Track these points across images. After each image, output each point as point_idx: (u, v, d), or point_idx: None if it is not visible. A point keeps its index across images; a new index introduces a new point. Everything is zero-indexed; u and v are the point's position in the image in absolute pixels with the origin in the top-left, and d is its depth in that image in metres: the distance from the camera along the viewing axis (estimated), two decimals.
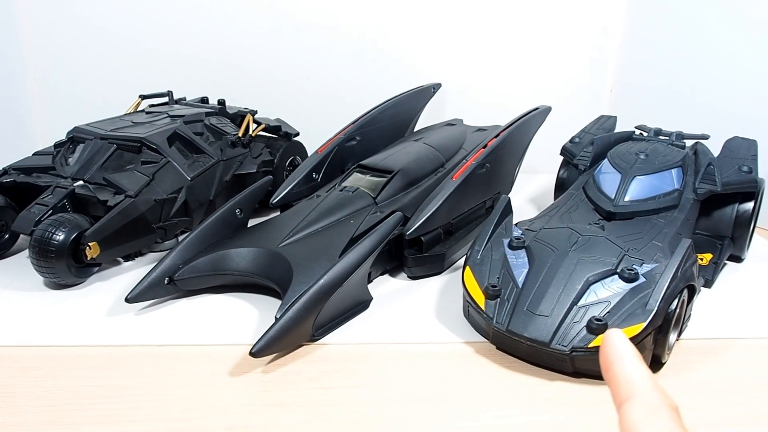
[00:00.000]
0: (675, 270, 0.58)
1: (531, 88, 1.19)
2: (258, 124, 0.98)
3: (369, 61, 1.17)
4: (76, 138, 0.82)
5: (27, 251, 0.72)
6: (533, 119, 0.92)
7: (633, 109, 1.10)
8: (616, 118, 0.98)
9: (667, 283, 0.56)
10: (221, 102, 1.00)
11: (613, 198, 0.73)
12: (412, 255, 0.75)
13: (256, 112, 0.99)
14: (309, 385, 0.56)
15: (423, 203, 0.77)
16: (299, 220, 0.74)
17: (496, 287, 0.61)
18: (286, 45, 1.15)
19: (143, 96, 1.00)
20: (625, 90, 1.18)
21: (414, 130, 1.08)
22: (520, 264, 0.63)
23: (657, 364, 0.58)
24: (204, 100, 1.03)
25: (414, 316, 0.68)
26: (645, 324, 0.54)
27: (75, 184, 0.76)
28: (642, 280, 0.59)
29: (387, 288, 0.74)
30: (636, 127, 0.89)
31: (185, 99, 1.03)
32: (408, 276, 0.76)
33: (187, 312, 0.68)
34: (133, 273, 0.76)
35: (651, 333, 0.55)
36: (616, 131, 0.93)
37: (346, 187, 0.80)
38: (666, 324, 0.56)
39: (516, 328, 0.58)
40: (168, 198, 0.79)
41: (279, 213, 0.83)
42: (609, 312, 0.57)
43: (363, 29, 1.15)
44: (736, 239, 0.78)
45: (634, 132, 0.89)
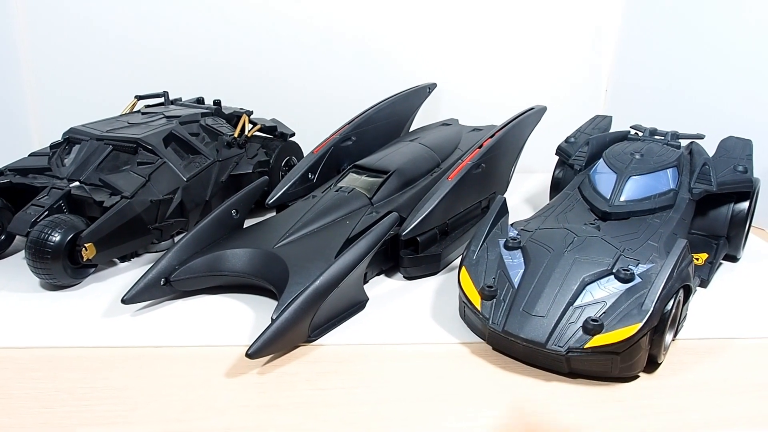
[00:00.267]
0: (671, 270, 0.58)
1: (526, 88, 1.19)
2: (254, 124, 0.98)
3: (364, 61, 1.16)
4: (71, 139, 0.82)
5: (23, 252, 0.72)
6: (528, 119, 0.92)
7: (628, 109, 1.10)
8: (611, 117, 0.98)
9: (663, 284, 0.56)
10: (217, 102, 0.99)
11: (609, 198, 0.73)
12: (407, 255, 0.75)
13: (251, 112, 0.99)
14: (305, 386, 0.56)
15: (419, 204, 0.77)
16: (295, 220, 0.74)
17: (492, 288, 0.61)
18: (282, 45, 1.15)
19: (139, 96, 1.00)
20: (621, 90, 1.18)
21: (409, 130, 1.08)
22: (516, 264, 0.63)
23: (653, 364, 0.58)
24: (200, 100, 1.03)
25: (410, 316, 0.68)
26: (641, 324, 0.54)
27: (71, 185, 0.76)
28: (638, 280, 0.59)
29: (383, 288, 0.74)
30: (631, 127, 0.89)
31: (181, 99, 1.03)
32: (404, 276, 0.76)
33: (184, 313, 0.68)
34: (130, 274, 0.76)
35: (647, 333, 0.55)
36: (611, 131, 0.93)
37: (341, 188, 0.80)
38: (662, 324, 0.56)
39: (512, 328, 0.58)
40: (164, 199, 0.79)
41: (275, 213, 0.83)
42: (605, 312, 0.57)
43: (358, 29, 1.15)
44: (731, 239, 0.79)
45: (629, 132, 0.89)
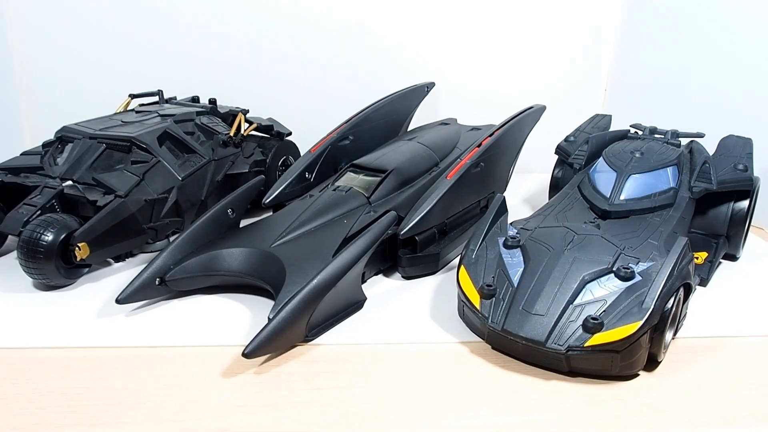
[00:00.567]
0: (671, 268, 0.57)
1: (525, 87, 1.19)
2: (250, 123, 0.97)
3: (362, 60, 1.16)
4: (64, 137, 0.81)
5: (15, 252, 0.71)
6: (528, 118, 0.92)
7: (628, 108, 1.10)
8: (611, 116, 0.98)
9: (664, 282, 0.56)
10: (212, 101, 0.99)
11: (609, 197, 0.73)
12: (406, 255, 0.74)
13: (247, 111, 0.98)
14: (303, 386, 0.55)
15: (417, 203, 0.76)
16: (292, 220, 0.74)
17: (491, 286, 0.60)
18: (278, 44, 1.14)
19: (133, 95, 0.99)
20: (620, 89, 1.18)
21: (408, 129, 1.08)
22: (515, 263, 0.63)
23: (653, 363, 0.58)
24: (195, 99, 1.02)
25: (408, 316, 0.67)
26: (641, 323, 0.54)
27: (64, 184, 0.75)
28: (638, 278, 0.59)
29: (381, 288, 0.73)
30: (631, 126, 0.89)
31: (176, 98, 1.02)
32: (402, 276, 0.76)
33: (179, 313, 0.67)
34: (124, 274, 0.75)
35: (647, 332, 0.55)
36: (610, 130, 0.93)
37: (339, 187, 0.80)
38: (662, 323, 0.56)
39: (511, 327, 0.57)
40: (159, 198, 0.78)
41: (272, 213, 0.82)
42: (605, 311, 0.56)
43: (356, 27, 1.15)
44: (731, 238, 0.78)
45: (629, 131, 0.89)
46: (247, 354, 0.56)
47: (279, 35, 1.14)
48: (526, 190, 1.09)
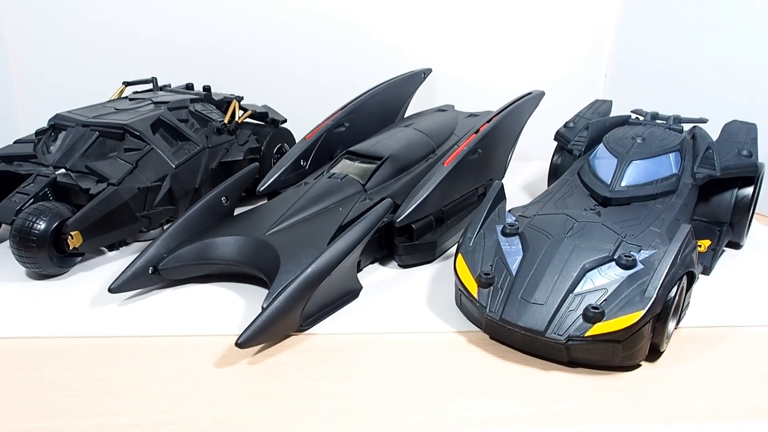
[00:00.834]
0: (674, 256, 0.56)
1: (524, 72, 1.17)
2: (244, 110, 0.97)
3: (358, 46, 1.15)
4: (57, 125, 0.80)
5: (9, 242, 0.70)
6: (526, 104, 0.91)
7: (629, 94, 1.09)
8: (611, 102, 0.96)
9: (666, 270, 0.55)
10: (207, 88, 0.98)
11: (610, 183, 0.71)
12: (402, 243, 0.73)
13: (242, 98, 0.97)
14: (297, 376, 0.55)
15: (413, 190, 0.75)
16: (286, 208, 0.73)
17: (489, 275, 0.59)
18: (273, 30, 1.13)
19: (127, 83, 0.98)
20: (621, 74, 1.16)
21: (404, 116, 1.06)
22: (513, 251, 0.62)
23: (655, 353, 0.57)
24: (189, 86, 1.01)
25: (405, 305, 0.66)
26: (643, 312, 0.53)
27: (57, 172, 0.74)
28: (640, 266, 0.58)
29: (377, 277, 0.72)
30: (632, 111, 0.88)
31: (170, 85, 1.01)
32: (398, 264, 0.75)
33: (172, 302, 0.66)
34: (118, 263, 0.74)
35: (649, 321, 0.54)
36: (611, 116, 0.91)
37: (334, 174, 0.79)
38: (665, 312, 0.55)
39: (510, 316, 0.56)
40: (152, 186, 0.77)
41: (266, 201, 0.81)
42: (606, 300, 0.55)
43: (352, 13, 1.13)
44: (734, 225, 0.77)
45: (630, 116, 0.87)
46: (240, 344, 0.55)
47: (274, 22, 1.13)
48: (525, 177, 1.08)
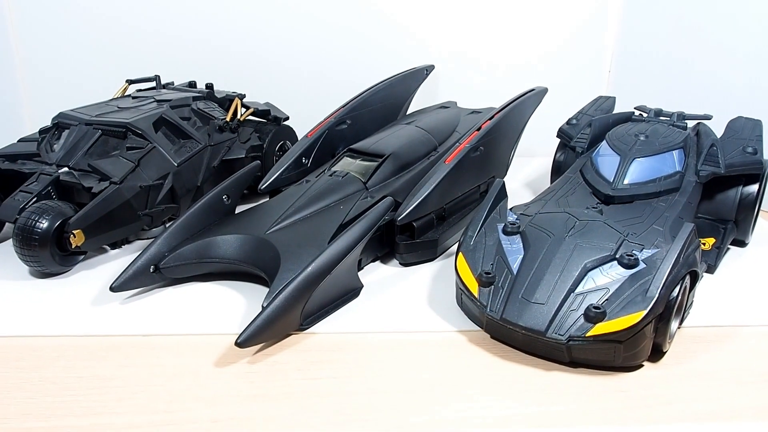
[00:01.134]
0: (677, 255, 0.55)
1: (528, 68, 1.16)
2: (246, 108, 0.96)
3: (360, 43, 1.14)
4: (61, 124, 0.80)
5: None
6: (529, 101, 0.90)
7: (633, 90, 1.08)
8: (614, 98, 0.95)
9: (669, 269, 0.54)
10: (209, 86, 0.98)
11: (612, 181, 0.71)
12: (403, 241, 0.73)
13: (244, 96, 0.97)
14: (297, 376, 0.54)
15: (415, 188, 0.75)
16: (287, 206, 0.73)
17: (489, 274, 0.59)
18: (275, 28, 1.12)
19: (130, 81, 0.98)
20: (625, 70, 1.15)
21: (407, 113, 1.06)
22: (514, 250, 0.61)
23: (658, 353, 0.56)
24: (192, 84, 1.01)
25: (405, 304, 0.66)
26: (645, 312, 0.52)
27: (60, 170, 0.74)
28: (642, 266, 0.57)
29: (378, 275, 0.72)
30: (635, 108, 0.87)
31: (173, 83, 1.01)
32: (400, 263, 0.74)
33: (173, 301, 0.66)
34: (120, 261, 0.74)
35: (651, 321, 0.53)
36: (614, 112, 0.91)
37: (335, 172, 0.78)
38: (667, 312, 0.54)
39: (510, 316, 0.56)
40: (154, 184, 0.77)
41: (268, 199, 0.81)
42: (608, 299, 0.55)
43: (354, 9, 1.12)
44: (739, 223, 0.76)
45: (633, 113, 0.87)
46: (240, 343, 0.55)
47: (276, 19, 1.12)
48: (527, 174, 1.07)
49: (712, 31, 0.98)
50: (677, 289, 0.55)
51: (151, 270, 0.66)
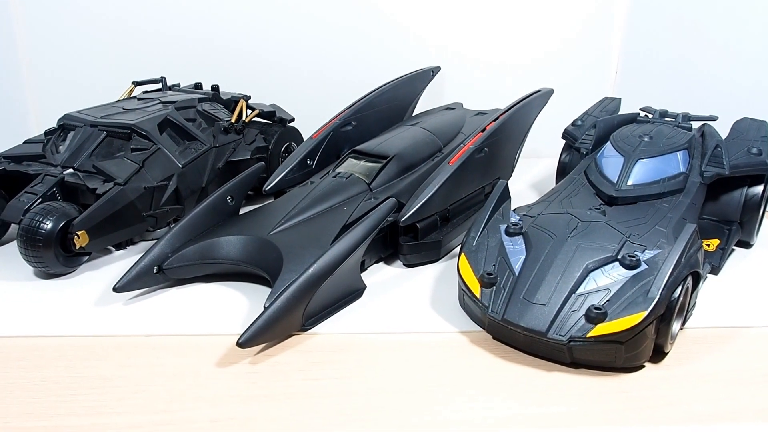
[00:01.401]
0: (678, 256, 0.55)
1: (535, 70, 1.16)
2: (252, 109, 0.96)
3: (366, 44, 1.14)
4: (66, 125, 0.81)
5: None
6: (534, 102, 0.90)
7: (640, 92, 1.07)
8: (620, 100, 0.95)
9: (670, 270, 0.54)
10: (215, 87, 0.98)
11: (616, 182, 0.70)
12: (407, 242, 0.73)
13: (249, 97, 0.97)
14: (298, 376, 0.54)
15: (418, 189, 0.75)
16: (291, 207, 0.73)
17: (491, 275, 0.59)
18: (281, 29, 1.13)
19: (136, 82, 0.99)
20: (632, 71, 1.14)
21: (413, 114, 1.06)
22: (517, 251, 0.61)
23: (659, 354, 0.56)
24: (198, 86, 1.01)
25: (408, 305, 0.66)
26: (646, 313, 0.52)
27: (64, 172, 0.75)
28: (644, 267, 0.57)
29: (381, 276, 0.72)
30: (641, 109, 0.87)
31: (179, 85, 1.01)
32: (403, 264, 0.74)
33: (176, 301, 0.66)
34: (124, 262, 0.75)
35: (653, 322, 0.53)
36: (619, 113, 0.90)
37: (339, 173, 0.78)
38: (669, 313, 0.54)
39: (512, 317, 0.56)
40: (158, 185, 0.78)
41: (273, 200, 0.81)
42: (609, 300, 0.54)
43: (360, 10, 1.13)
44: (744, 224, 0.76)
45: (638, 114, 0.86)
46: (242, 343, 0.55)
47: (282, 21, 1.12)
48: (533, 175, 1.07)
49: (718, 33, 0.97)
50: (679, 290, 0.55)
51: (155, 271, 0.67)
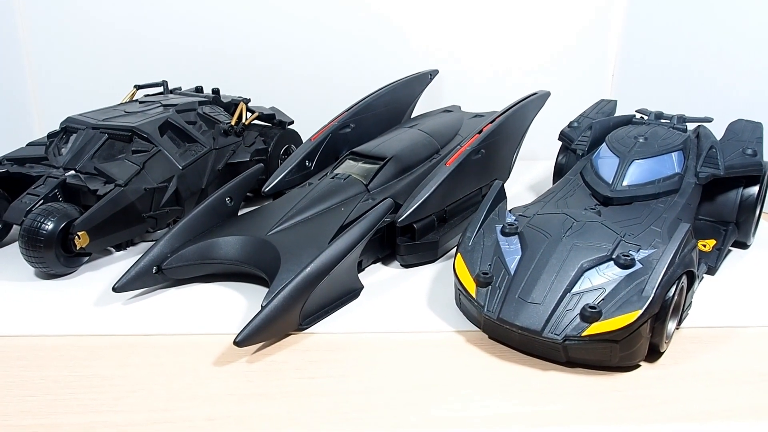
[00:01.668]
0: (672, 255, 0.56)
1: (532, 72, 1.17)
2: (252, 112, 0.97)
3: (365, 47, 1.15)
4: (68, 128, 0.81)
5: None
6: (531, 104, 0.90)
7: (636, 94, 1.08)
8: (616, 102, 0.95)
9: (664, 269, 0.54)
10: (215, 91, 0.99)
11: (611, 183, 0.71)
12: (404, 243, 0.73)
13: (249, 100, 0.98)
14: (295, 375, 0.55)
15: (415, 190, 0.75)
16: (289, 207, 0.73)
17: (487, 274, 0.59)
18: (281, 32, 1.14)
19: (138, 86, 0.99)
20: (628, 73, 1.15)
21: (411, 116, 1.06)
22: (512, 251, 0.61)
23: (655, 353, 0.56)
24: (199, 89, 1.02)
25: (405, 304, 0.66)
26: (641, 312, 0.52)
27: (66, 173, 0.75)
28: (638, 266, 0.57)
29: (379, 276, 0.72)
30: (636, 111, 0.87)
31: (180, 88, 1.02)
32: (401, 264, 0.75)
33: (175, 301, 0.67)
34: (124, 262, 0.75)
35: (648, 321, 0.53)
36: (615, 115, 0.91)
37: (337, 175, 0.79)
38: (663, 312, 0.54)
39: (507, 316, 0.56)
40: (159, 187, 0.78)
41: (271, 201, 0.82)
42: (603, 299, 0.55)
43: (358, 14, 1.13)
44: (740, 224, 0.76)
45: (634, 116, 0.87)
46: (239, 342, 0.55)
47: (282, 25, 1.13)
48: (530, 177, 1.07)
49: (712, 37, 0.98)
50: (673, 289, 0.55)
51: (154, 271, 0.67)
